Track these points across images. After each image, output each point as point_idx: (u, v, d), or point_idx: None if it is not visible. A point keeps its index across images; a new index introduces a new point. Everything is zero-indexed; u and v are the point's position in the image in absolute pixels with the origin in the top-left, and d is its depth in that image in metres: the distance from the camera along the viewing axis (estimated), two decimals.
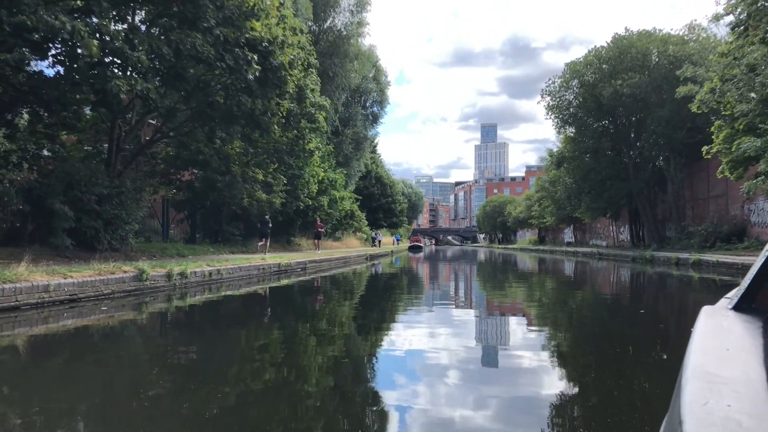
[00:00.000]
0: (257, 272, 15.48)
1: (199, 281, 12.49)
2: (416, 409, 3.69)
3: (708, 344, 1.25)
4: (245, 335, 7.14)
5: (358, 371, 5.05)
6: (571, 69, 34.47)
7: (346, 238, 43.44)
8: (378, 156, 62.56)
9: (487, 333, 7.34)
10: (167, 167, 20.93)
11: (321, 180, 25.96)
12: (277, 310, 10.00)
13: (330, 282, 16.42)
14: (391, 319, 8.65)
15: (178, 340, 6.79)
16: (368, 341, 6.65)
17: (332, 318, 8.75)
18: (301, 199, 23.32)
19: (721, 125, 19.07)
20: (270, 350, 6.15)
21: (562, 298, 12.46)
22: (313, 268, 19.97)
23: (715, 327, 1.41)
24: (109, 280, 9.62)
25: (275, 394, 4.24)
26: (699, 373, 1.05)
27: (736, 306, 1.56)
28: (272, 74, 13.05)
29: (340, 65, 31.38)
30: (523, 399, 4.02)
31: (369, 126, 40.75)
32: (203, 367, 5.21)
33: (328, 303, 11.04)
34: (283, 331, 7.50)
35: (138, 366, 5.30)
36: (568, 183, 38.20)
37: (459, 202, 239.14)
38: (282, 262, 17.20)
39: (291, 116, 15.85)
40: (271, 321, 8.71)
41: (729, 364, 1.10)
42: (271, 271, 16.39)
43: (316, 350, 5.96)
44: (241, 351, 6.04)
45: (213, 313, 9.43)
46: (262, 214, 21.13)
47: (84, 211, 12.98)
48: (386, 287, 15.38)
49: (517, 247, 74.42)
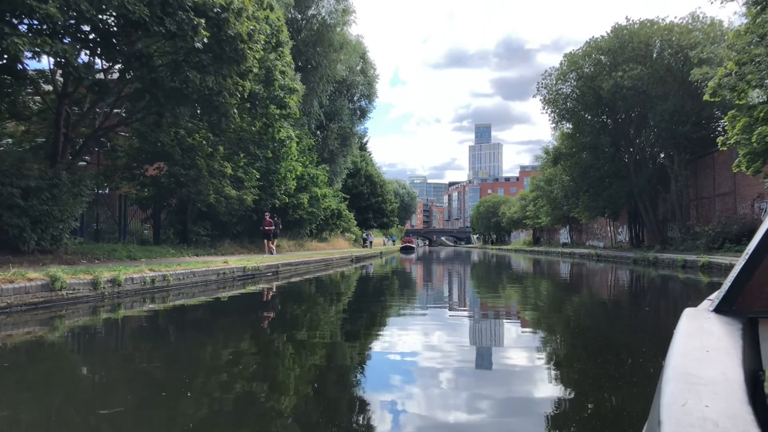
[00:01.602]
0: (216, 278, 13.55)
1: (138, 289, 10.55)
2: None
3: (688, 346, 1.26)
4: (161, 371, 5.22)
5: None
6: (569, 60, 32.73)
7: (334, 239, 41.50)
8: (368, 154, 60.58)
9: (491, 362, 5.48)
10: (130, 161, 19.00)
11: (301, 176, 23.99)
12: (218, 330, 8.08)
13: (300, 289, 14.52)
14: (367, 339, 6.77)
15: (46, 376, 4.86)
16: (341, 381, 4.77)
17: (291, 342, 6.85)
18: (277, 196, 21.37)
19: (735, 115, 17.31)
20: (186, 397, 4.23)
21: (562, 305, 10.62)
22: (287, 272, 18.05)
23: (696, 329, 1.39)
24: (3, 290, 7.68)
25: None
26: (679, 374, 1.06)
27: (717, 308, 1.55)
28: (228, 46, 11.14)
29: (324, 55, 29.44)
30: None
31: (356, 121, 38.74)
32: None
33: (288, 319, 9.14)
34: (211, 363, 5.59)
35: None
36: (565, 181, 36.43)
37: (453, 203, 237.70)
38: (248, 266, 15.27)
39: (256, 100, 13.95)
40: (203, 345, 6.80)
41: (708, 365, 1.10)
42: (234, 276, 14.47)
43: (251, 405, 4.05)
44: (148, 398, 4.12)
45: (126, 335, 7.50)
46: (267, 215, 21.82)
47: (5, 206, 11.05)
48: (367, 295, 13.49)
49: (511, 248, 72.72)
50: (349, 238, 47.82)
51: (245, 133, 14.66)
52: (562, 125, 34.72)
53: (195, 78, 10.79)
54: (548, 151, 45.40)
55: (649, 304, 11.52)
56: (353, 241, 48.90)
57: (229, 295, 11.86)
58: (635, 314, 9.74)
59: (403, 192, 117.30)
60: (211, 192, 17.97)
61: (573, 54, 32.74)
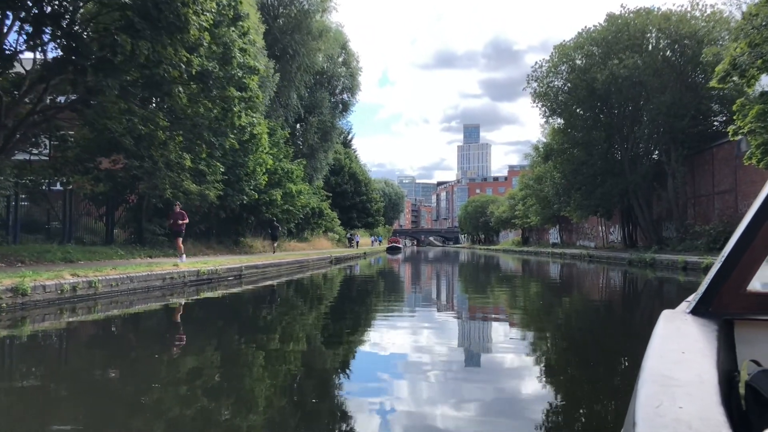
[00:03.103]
0: (161, 283, 11.69)
1: (53, 299, 8.69)
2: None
3: (665, 347, 1.28)
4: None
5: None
6: (560, 52, 31.22)
7: (316, 239, 39.63)
8: (353, 151, 58.66)
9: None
10: (82, 152, 17.06)
11: (273, 171, 22.08)
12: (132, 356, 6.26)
13: (260, 296, 12.71)
14: (335, 368, 5.00)
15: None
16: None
17: (233, 382, 5.05)
18: (245, 192, 19.48)
19: (744, 103, 15.80)
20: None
21: (559, 315, 8.95)
22: (252, 276, 16.21)
23: (672, 330, 1.41)
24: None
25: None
26: (655, 375, 1.07)
27: (694, 310, 1.55)
28: (166, 8, 9.30)
29: (302, 43, 27.56)
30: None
31: (338, 115, 36.82)
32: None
33: (235, 341, 7.35)
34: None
35: None
36: (556, 178, 34.90)
37: (441, 203, 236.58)
38: (203, 269, 13.41)
39: (210, 80, 12.12)
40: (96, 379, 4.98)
41: (683, 366, 1.12)
42: (185, 282, 12.62)
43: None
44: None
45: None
46: (271, 219, 24.11)
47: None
48: (342, 304, 11.70)
49: (499, 248, 71.31)
50: (332, 238, 45.96)
51: (200, 119, 12.79)
52: (553, 120, 33.23)
53: (125, 43, 8.94)
54: (538, 147, 43.98)
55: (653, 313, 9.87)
56: (337, 241, 47.02)
57: (163, 305, 10.01)
58: (639, 322, 8.05)
59: (390, 191, 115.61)
60: (168, 186, 16.09)
61: (564, 45, 31.22)
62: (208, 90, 12.28)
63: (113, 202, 18.39)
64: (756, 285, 1.52)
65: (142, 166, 16.08)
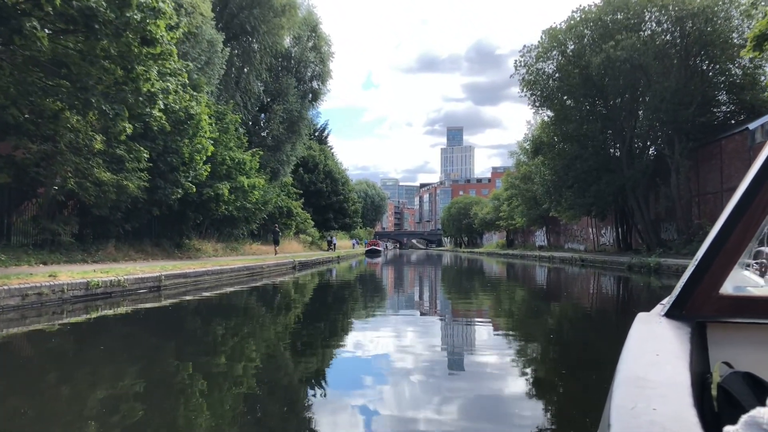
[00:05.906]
0: (22, 302, 8.36)
1: None
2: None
3: (639, 350, 1.28)
4: None
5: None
6: (550, 36, 28.35)
7: (284, 242, 36.22)
8: (328, 148, 55.30)
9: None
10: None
11: (220, 161, 18.73)
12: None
13: (162, 321, 9.43)
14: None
15: None
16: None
17: None
18: (181, 183, 16.11)
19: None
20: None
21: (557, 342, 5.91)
22: (177, 288, 12.87)
23: (647, 333, 1.43)
24: None
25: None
26: (629, 378, 1.07)
27: (668, 313, 1.56)
28: None
29: (262, 19, 24.25)
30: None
31: (308, 104, 33.44)
32: None
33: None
34: None
35: None
36: (546, 175, 32.00)
37: (424, 205, 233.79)
38: (94, 281, 10.08)
39: (96, 23, 8.83)
40: None
41: (658, 368, 1.12)
42: (67, 298, 9.29)
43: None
44: None
45: None
46: (271, 225, 27.88)
47: None
48: (292, 327, 8.45)
49: (483, 251, 68.49)
50: (304, 240, 42.54)
51: (88, 79, 9.50)
52: (543, 111, 30.35)
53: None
54: (523, 145, 41.19)
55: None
56: (310, 244, 43.61)
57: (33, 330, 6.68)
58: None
59: (373, 193, 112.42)
60: (70, 175, 12.74)
61: (555, 29, 28.36)
62: (93, 35, 8.98)
63: (12, 195, 14.94)
64: (728, 288, 1.52)
65: (37, 149, 12.75)
